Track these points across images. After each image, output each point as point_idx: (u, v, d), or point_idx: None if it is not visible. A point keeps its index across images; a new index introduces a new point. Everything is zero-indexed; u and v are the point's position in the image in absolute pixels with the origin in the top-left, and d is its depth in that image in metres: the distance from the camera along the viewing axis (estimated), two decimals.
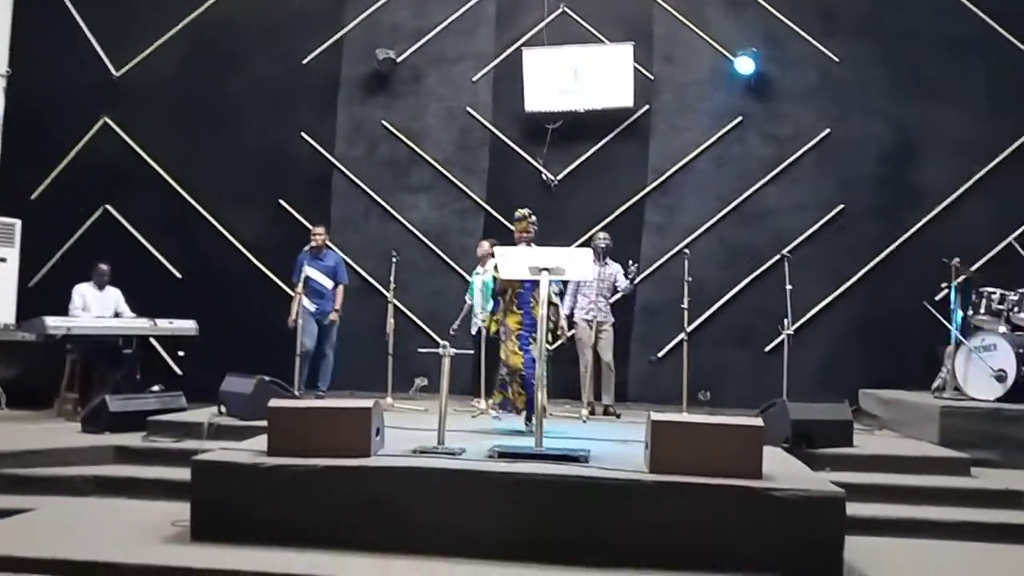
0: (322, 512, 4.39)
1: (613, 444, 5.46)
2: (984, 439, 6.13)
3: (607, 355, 7.63)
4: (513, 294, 6.18)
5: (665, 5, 9.09)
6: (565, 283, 7.26)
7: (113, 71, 9.74)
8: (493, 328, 6.33)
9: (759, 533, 4.12)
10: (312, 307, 7.94)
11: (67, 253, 9.50)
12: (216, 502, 4.49)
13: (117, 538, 4.50)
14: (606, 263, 7.61)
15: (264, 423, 5.77)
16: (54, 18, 9.81)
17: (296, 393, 7.01)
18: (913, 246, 8.54)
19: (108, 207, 9.55)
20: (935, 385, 7.35)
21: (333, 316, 8.13)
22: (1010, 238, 8.24)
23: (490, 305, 7.52)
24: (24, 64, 9.79)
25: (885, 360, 8.23)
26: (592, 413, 7.34)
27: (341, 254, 8.66)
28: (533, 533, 4.26)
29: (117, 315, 8.16)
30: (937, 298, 7.59)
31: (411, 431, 5.63)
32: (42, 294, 9.18)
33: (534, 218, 6.39)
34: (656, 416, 4.47)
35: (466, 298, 8.17)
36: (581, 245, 8.40)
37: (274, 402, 4.85)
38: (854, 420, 6.25)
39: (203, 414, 6.56)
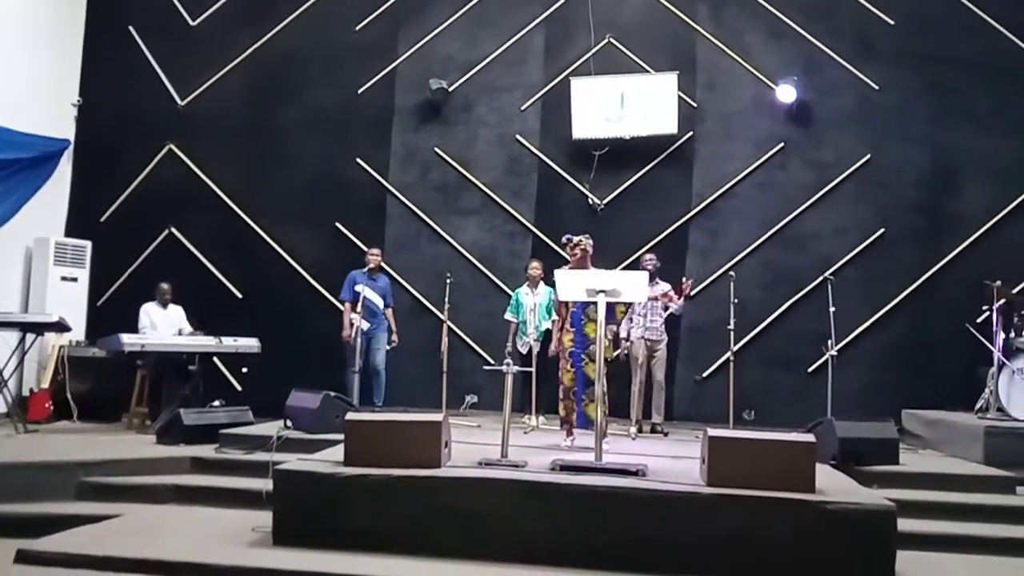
0: (396, 519, 4.66)
1: (665, 460, 5.67)
2: None
3: (660, 374, 7.82)
4: (567, 313, 6.44)
5: (707, 35, 9.36)
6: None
7: (178, 100, 10.24)
8: (554, 348, 6.60)
9: (813, 545, 4.32)
10: (365, 326, 8.26)
11: (133, 273, 9.96)
12: (296, 509, 4.78)
13: (203, 542, 4.79)
14: (656, 283, 7.83)
15: (329, 436, 6.18)
16: (122, 50, 10.36)
17: (358, 408, 7.30)
18: (953, 270, 8.66)
19: (172, 229, 10.01)
20: (978, 406, 7.47)
21: (395, 340, 8.50)
22: None
23: (547, 324, 7.81)
24: (94, 93, 10.36)
25: (926, 381, 8.34)
26: (640, 431, 7.55)
27: (393, 274, 9.02)
28: (594, 542, 4.50)
29: (180, 332, 8.53)
30: (979, 320, 7.75)
31: (470, 444, 5.91)
32: (109, 313, 9.64)
33: (583, 242, 6.56)
34: (713, 432, 4.71)
35: (507, 316, 8.40)
36: (627, 267, 8.66)
37: (351, 415, 5.16)
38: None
39: (269, 428, 6.84)
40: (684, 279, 7.75)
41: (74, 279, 9.62)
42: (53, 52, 10.03)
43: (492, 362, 8.02)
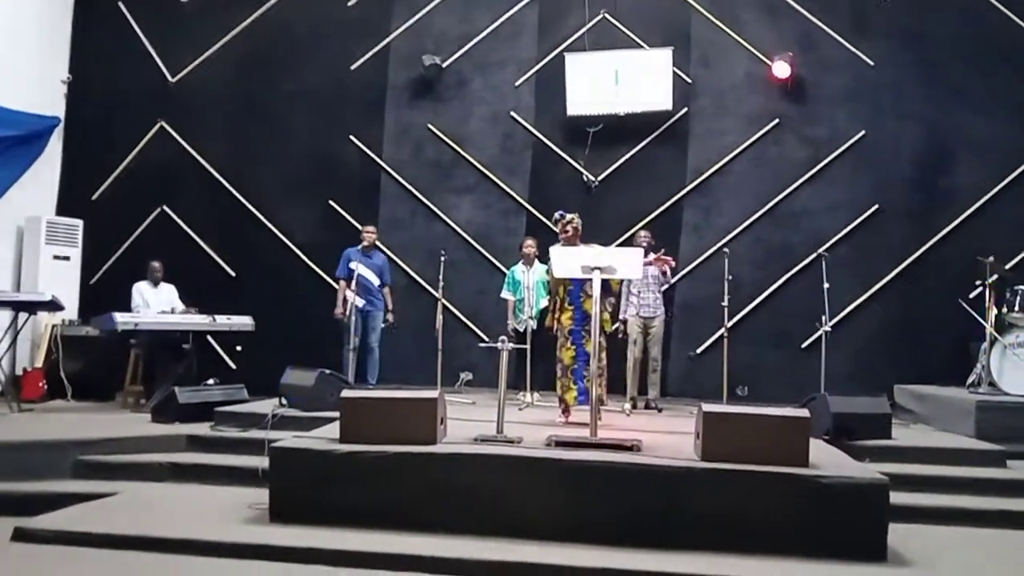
0: (392, 496, 4.66)
1: (660, 435, 5.69)
2: (1019, 433, 6.30)
3: (655, 350, 7.80)
4: (564, 292, 6.42)
5: (702, 10, 9.30)
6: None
7: (169, 77, 10.16)
8: (550, 324, 6.59)
9: (806, 518, 4.34)
10: (360, 303, 8.25)
11: (126, 252, 9.93)
12: (293, 486, 4.77)
13: (200, 519, 4.79)
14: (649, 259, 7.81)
15: (324, 414, 6.19)
16: (112, 26, 10.27)
17: (353, 386, 7.31)
18: (946, 246, 8.68)
19: (165, 208, 9.97)
20: (970, 381, 7.51)
21: (391, 319, 8.49)
22: None
23: (544, 302, 7.79)
24: (84, 70, 10.28)
25: (918, 357, 8.39)
26: (634, 407, 7.58)
27: (388, 253, 9.00)
28: (589, 517, 4.51)
29: (172, 311, 8.48)
30: (971, 296, 7.78)
31: (466, 421, 5.90)
32: (101, 291, 9.62)
33: (575, 220, 6.57)
34: (707, 407, 4.73)
35: (504, 294, 8.38)
36: (621, 244, 8.66)
37: (347, 392, 5.16)
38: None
39: (264, 405, 6.82)
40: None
41: (66, 258, 9.58)
42: (42, 28, 9.91)
43: (487, 340, 8.05)
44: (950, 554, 4.52)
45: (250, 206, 9.80)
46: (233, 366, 9.24)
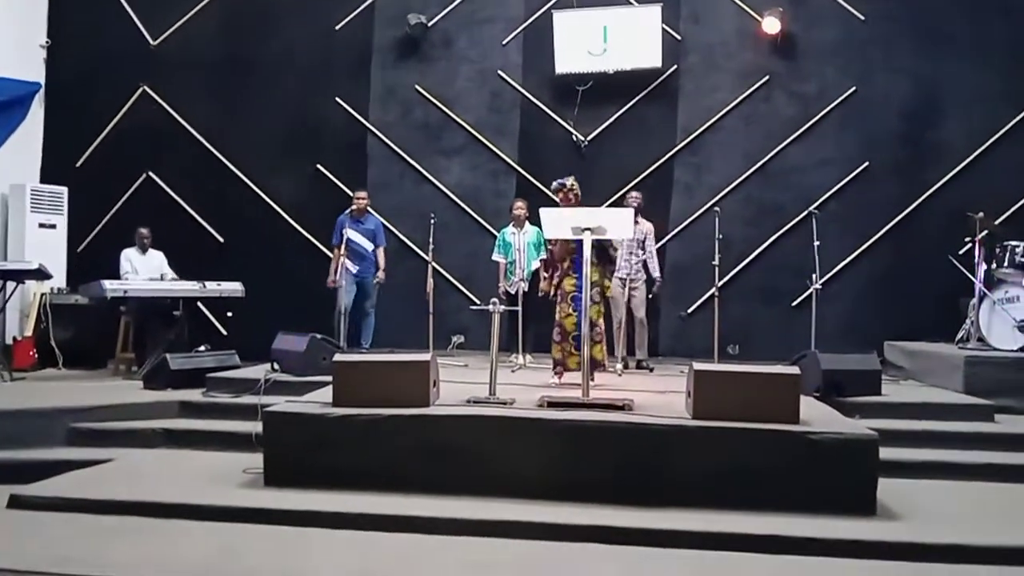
0: (385, 458, 4.70)
1: (651, 395, 5.73)
2: (1007, 387, 6.37)
3: (640, 312, 7.87)
4: (571, 259, 6.31)
5: None
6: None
7: (150, 40, 9.96)
8: (546, 288, 6.54)
9: (797, 474, 4.39)
10: (353, 268, 8.20)
11: (112, 219, 9.82)
12: (287, 450, 4.80)
13: (196, 484, 4.82)
14: (637, 221, 7.78)
15: (317, 378, 6.19)
16: None
17: (345, 350, 7.30)
18: (936, 202, 8.66)
19: (150, 173, 9.84)
20: (959, 336, 7.56)
21: (380, 276, 8.41)
22: None
23: (535, 264, 7.77)
24: (63, 35, 10.06)
25: (908, 313, 8.41)
26: (625, 367, 7.61)
27: (376, 215, 8.95)
28: (581, 476, 4.55)
29: (162, 277, 8.44)
30: (961, 252, 7.79)
31: (458, 384, 5.91)
32: (89, 259, 9.54)
33: (575, 187, 6.47)
34: (698, 366, 4.75)
35: (495, 257, 8.34)
36: (612, 204, 8.62)
37: (339, 356, 5.16)
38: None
39: (256, 371, 6.83)
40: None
41: (52, 226, 9.47)
42: None
43: (478, 302, 8.03)
44: (939, 507, 4.56)
45: (236, 170, 9.68)
46: (224, 332, 9.20)
